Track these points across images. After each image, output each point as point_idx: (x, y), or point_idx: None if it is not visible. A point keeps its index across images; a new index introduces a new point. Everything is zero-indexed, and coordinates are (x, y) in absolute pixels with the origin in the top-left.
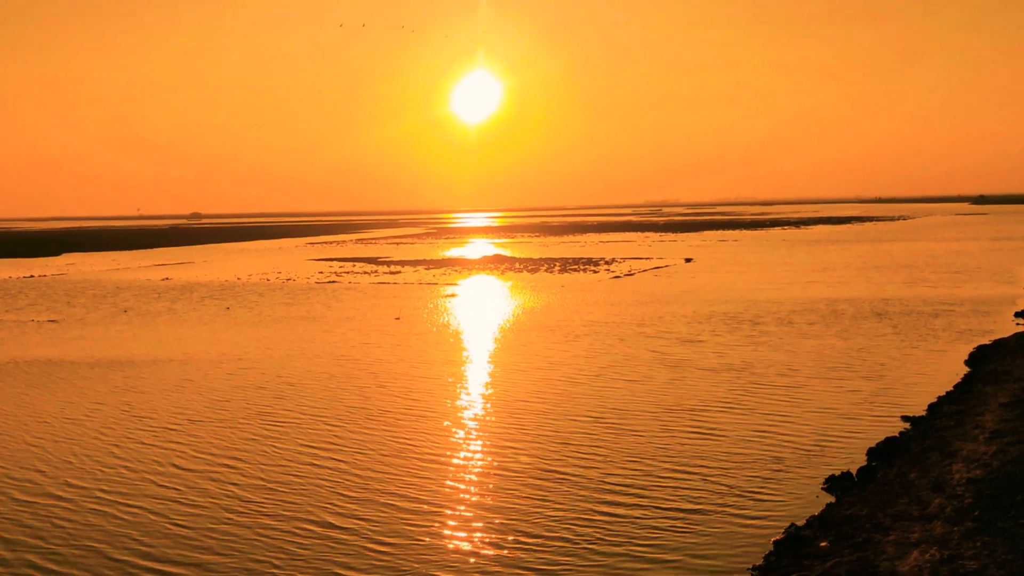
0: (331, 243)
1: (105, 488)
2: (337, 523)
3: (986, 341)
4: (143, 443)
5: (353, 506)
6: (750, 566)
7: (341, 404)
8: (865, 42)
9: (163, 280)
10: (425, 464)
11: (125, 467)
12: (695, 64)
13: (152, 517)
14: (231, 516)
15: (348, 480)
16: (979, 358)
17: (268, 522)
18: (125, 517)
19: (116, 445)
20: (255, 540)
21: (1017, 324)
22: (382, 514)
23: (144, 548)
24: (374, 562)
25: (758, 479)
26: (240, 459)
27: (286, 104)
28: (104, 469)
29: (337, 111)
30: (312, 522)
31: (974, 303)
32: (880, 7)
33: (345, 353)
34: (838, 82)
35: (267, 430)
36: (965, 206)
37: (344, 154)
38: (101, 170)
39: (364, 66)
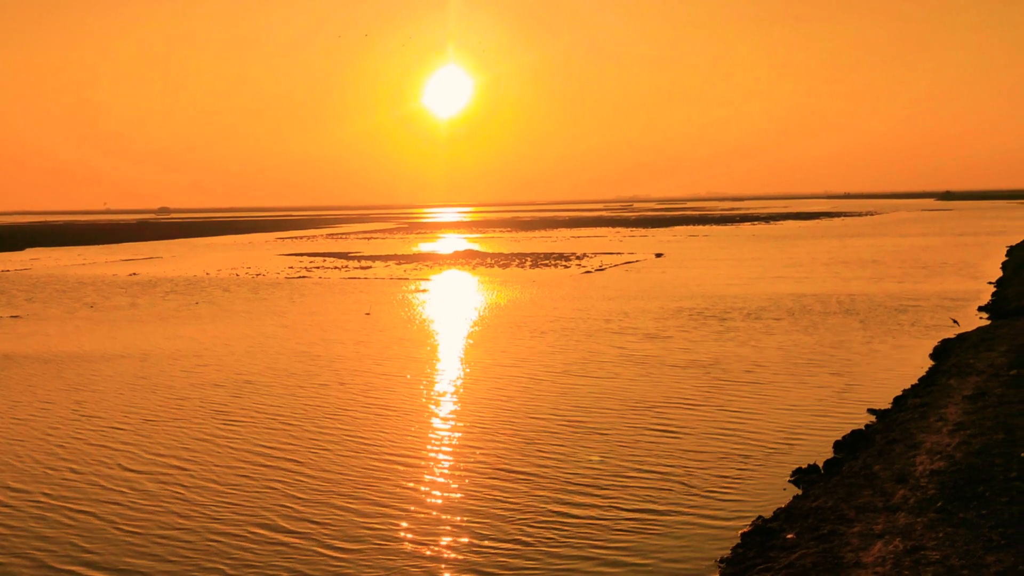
0: (301, 238)
1: (47, 492)
2: (289, 527)
3: (950, 335)
4: (91, 444)
5: (306, 509)
6: (718, 559)
7: (299, 402)
8: (835, 44)
9: (130, 275)
10: (382, 464)
11: (70, 469)
12: (667, 61)
13: (96, 522)
14: (179, 521)
15: (302, 482)
16: (943, 352)
17: (218, 527)
18: (68, 523)
19: (62, 446)
20: (203, 546)
21: (981, 318)
22: (336, 517)
23: (86, 555)
24: (326, 568)
25: (726, 474)
26: (191, 460)
27: (255, 97)
28: (48, 472)
29: (307, 105)
30: (263, 526)
31: (939, 298)
32: (850, 8)
33: (307, 350)
34: (809, 82)
35: (221, 429)
36: (931, 202)
37: (315, 148)
38: (67, 163)
39: (335, 60)
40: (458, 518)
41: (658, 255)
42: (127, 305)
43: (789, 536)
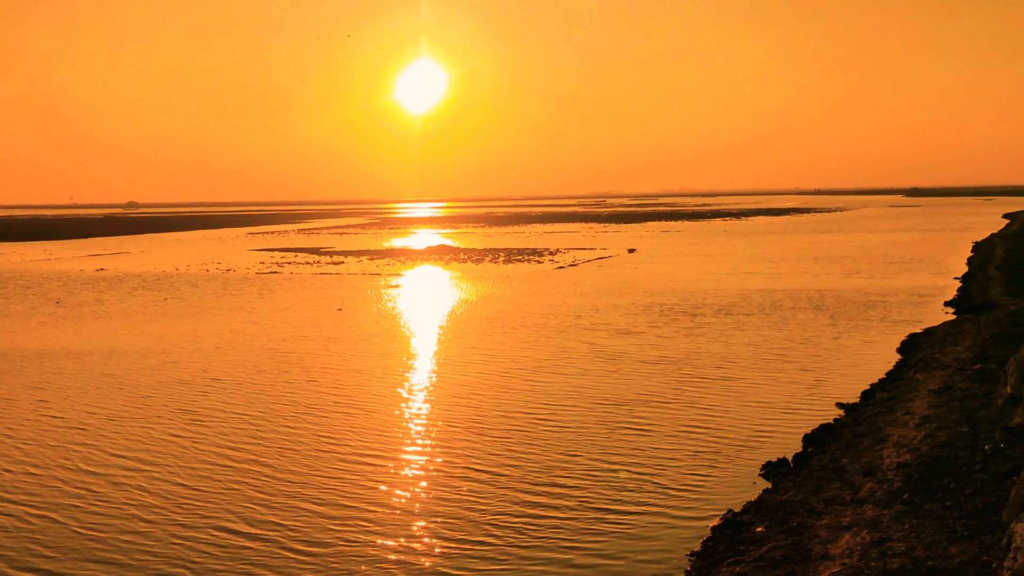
0: (273, 233)
1: (3, 495)
2: (254, 529)
3: (917, 330)
4: (52, 443)
5: (272, 510)
6: (688, 552)
7: (267, 400)
8: (808, 47)
9: (97, 271)
10: (350, 464)
11: (30, 470)
12: (642, 59)
13: (54, 526)
14: (142, 522)
15: (268, 482)
16: (910, 346)
17: (181, 529)
18: (24, 526)
19: (22, 446)
20: (166, 549)
21: (946, 313)
22: (303, 519)
23: (45, 560)
24: (292, 570)
25: (697, 469)
26: (156, 460)
27: (225, 91)
28: (4, 473)
29: (278, 99)
30: (228, 528)
31: (907, 293)
32: (824, 12)
33: (277, 346)
34: (782, 83)
35: (187, 428)
36: (899, 198)
37: (286, 143)
38: (32, 157)
39: (306, 53)
40: (426, 518)
41: (630, 251)
42: (93, 301)
43: (759, 529)
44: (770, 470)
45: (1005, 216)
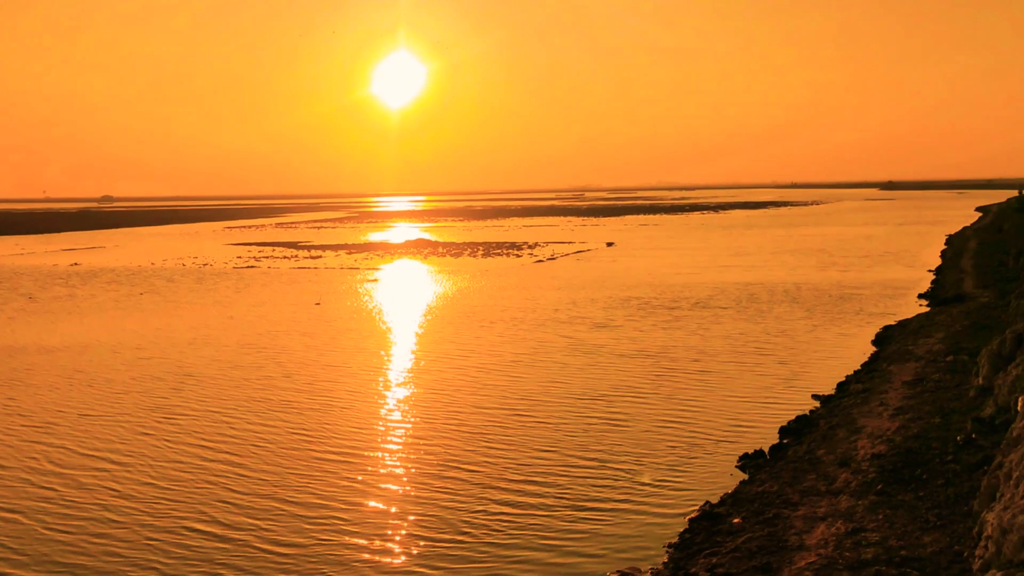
0: (250, 227)
1: None
2: (229, 525)
3: (891, 322)
4: (22, 440)
5: (245, 509)
6: (666, 544)
7: (242, 396)
8: (786, 42)
9: (71, 265)
10: (325, 461)
11: None
12: (623, 52)
13: (25, 522)
14: (112, 519)
15: (242, 478)
16: (884, 338)
17: (151, 530)
18: None
19: None
20: (137, 546)
21: (920, 305)
22: (278, 514)
23: (10, 563)
24: (268, 566)
25: (674, 461)
26: (127, 457)
27: (201, 84)
28: None
29: (253, 93)
30: (201, 525)
31: (881, 286)
32: (802, 7)
33: (253, 341)
34: (762, 78)
35: (160, 424)
36: (874, 191)
37: (262, 137)
38: (1, 149)
39: (281, 46)
40: (404, 513)
41: (609, 244)
42: (66, 296)
43: (735, 520)
44: (747, 462)
45: (978, 209)
